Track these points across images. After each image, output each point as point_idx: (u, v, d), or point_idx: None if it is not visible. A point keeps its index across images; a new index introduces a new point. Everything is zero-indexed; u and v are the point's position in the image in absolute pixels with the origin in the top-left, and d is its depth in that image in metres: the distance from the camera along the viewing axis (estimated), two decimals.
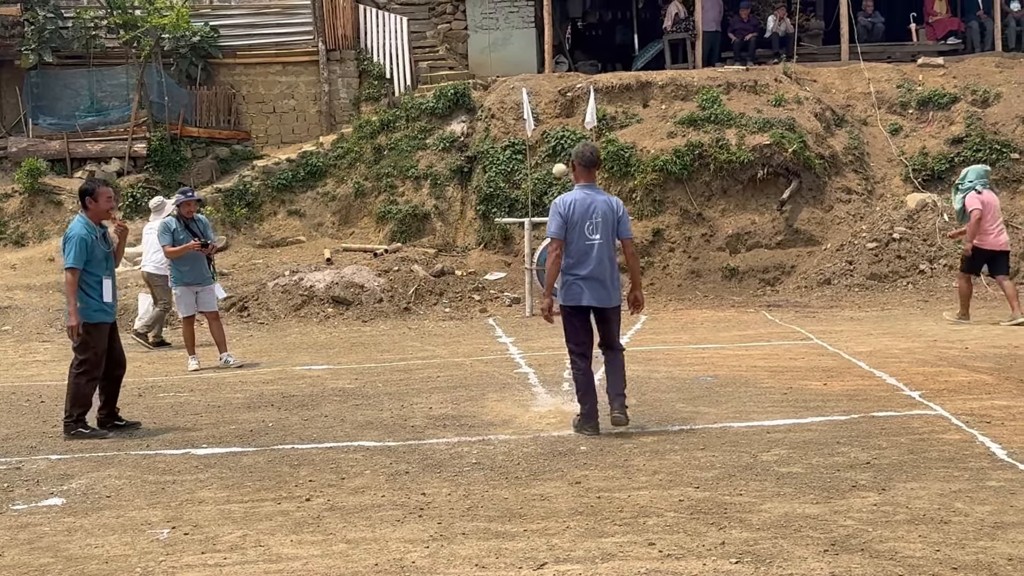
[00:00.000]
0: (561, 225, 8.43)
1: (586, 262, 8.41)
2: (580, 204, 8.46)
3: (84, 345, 9.37)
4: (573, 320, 8.57)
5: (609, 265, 8.48)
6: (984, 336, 13.14)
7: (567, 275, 8.50)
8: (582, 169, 8.65)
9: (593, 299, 8.46)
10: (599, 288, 8.43)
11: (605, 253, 8.45)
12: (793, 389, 10.11)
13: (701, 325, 15.78)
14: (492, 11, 23.78)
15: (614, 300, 8.58)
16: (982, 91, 21.01)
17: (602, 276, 8.43)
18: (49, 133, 22.78)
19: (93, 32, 23.32)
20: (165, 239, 13.30)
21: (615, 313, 8.64)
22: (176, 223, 13.33)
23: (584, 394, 8.53)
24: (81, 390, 9.35)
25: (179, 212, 13.47)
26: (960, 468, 7.06)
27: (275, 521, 6.51)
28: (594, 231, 8.43)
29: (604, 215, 8.45)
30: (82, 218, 9.53)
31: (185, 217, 13.38)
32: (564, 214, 8.44)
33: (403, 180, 21.38)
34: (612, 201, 8.63)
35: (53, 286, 18.49)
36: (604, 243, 8.44)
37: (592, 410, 8.50)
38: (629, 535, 5.96)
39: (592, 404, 8.50)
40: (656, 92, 21.33)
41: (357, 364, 13.08)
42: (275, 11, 24.09)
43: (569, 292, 8.52)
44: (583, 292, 8.44)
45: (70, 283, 9.28)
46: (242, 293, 18.21)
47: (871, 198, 20.00)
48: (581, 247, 8.42)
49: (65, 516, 6.82)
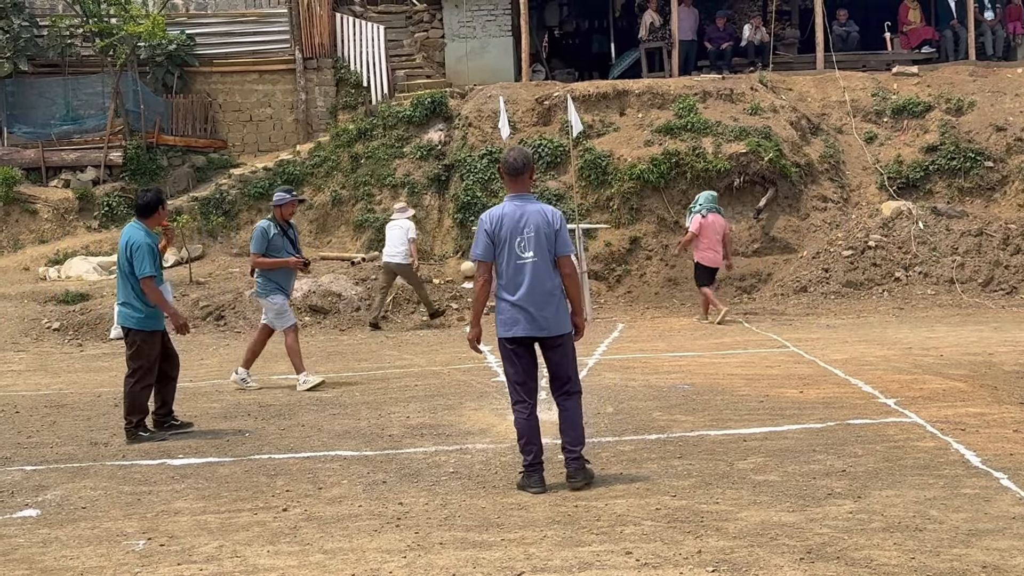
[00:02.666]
0: (487, 244, 7.20)
1: (518, 285, 7.15)
2: (509, 218, 7.18)
3: (138, 353, 9.46)
4: (509, 354, 7.28)
5: (547, 287, 7.16)
6: (959, 344, 13.21)
7: (499, 301, 7.26)
8: (510, 178, 7.37)
9: (530, 328, 7.15)
10: (534, 315, 7.13)
11: (541, 273, 7.14)
12: (769, 397, 10.15)
13: (678, 333, 15.82)
14: (469, 20, 23.81)
15: (556, 328, 7.19)
16: (956, 99, 21.16)
17: (537, 301, 7.13)
18: (24, 142, 22.70)
19: (69, 40, 23.27)
20: (259, 245, 11.70)
21: (562, 344, 7.26)
22: (273, 227, 11.76)
23: (526, 442, 7.20)
24: (136, 399, 9.46)
25: (279, 215, 11.89)
26: (935, 475, 7.10)
27: (252, 531, 6.48)
28: (526, 248, 7.14)
29: (537, 228, 7.15)
30: (140, 226, 9.64)
31: (284, 221, 11.90)
32: (490, 231, 7.20)
33: (380, 188, 21.38)
34: (547, 212, 7.25)
35: (28, 296, 18.40)
36: (539, 261, 7.14)
37: (536, 461, 7.20)
38: (606, 544, 5.96)
39: (536, 453, 7.20)
40: (633, 100, 21.40)
41: (334, 373, 13.05)
42: (251, 19, 24.07)
43: (502, 322, 7.24)
44: (517, 321, 7.16)
45: (154, 291, 9.46)
46: (219, 302, 18.13)
47: (847, 206, 20.10)
48: (512, 267, 7.15)
49: (40, 527, 6.78)
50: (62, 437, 9.69)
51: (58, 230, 21.57)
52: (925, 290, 18.11)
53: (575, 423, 7.24)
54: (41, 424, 10.35)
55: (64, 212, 21.70)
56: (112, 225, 21.50)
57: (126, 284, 9.50)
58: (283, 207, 11.84)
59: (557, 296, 7.22)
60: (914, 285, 18.30)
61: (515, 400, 7.31)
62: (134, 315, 9.46)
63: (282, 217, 11.84)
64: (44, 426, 10.25)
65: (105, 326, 17.25)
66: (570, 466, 7.18)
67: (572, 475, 7.16)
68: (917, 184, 20.19)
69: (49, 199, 21.83)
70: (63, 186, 22.22)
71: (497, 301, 7.28)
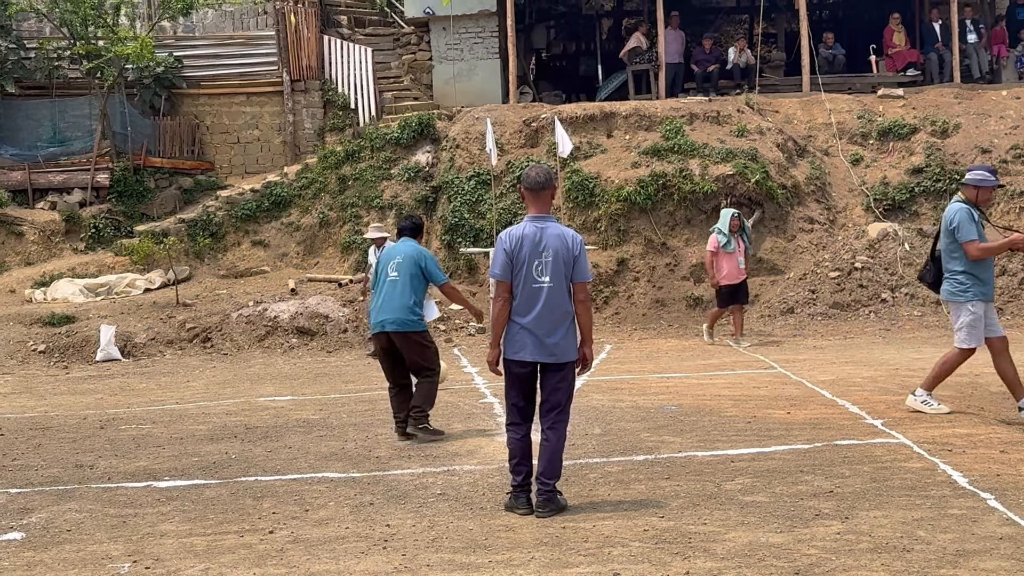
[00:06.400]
0: (506, 264, 7.09)
1: (531, 309, 7.06)
2: (529, 240, 7.08)
3: (431, 350, 10.23)
4: (511, 375, 7.20)
5: (559, 313, 7.07)
6: None
7: (512, 322, 7.14)
8: (531, 195, 7.25)
9: (536, 353, 7.06)
10: (543, 340, 7.04)
11: (556, 299, 7.05)
12: (757, 418, 10.15)
13: (666, 354, 15.83)
14: (457, 42, 23.89)
15: (561, 356, 7.11)
16: (941, 122, 21.28)
17: (548, 326, 7.04)
18: (11, 164, 22.67)
19: (56, 62, 23.27)
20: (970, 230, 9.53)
21: (564, 373, 7.18)
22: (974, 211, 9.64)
23: (517, 463, 7.16)
24: (434, 393, 10.13)
25: (974, 197, 9.76)
26: (922, 496, 7.10)
27: (238, 554, 6.45)
28: (543, 272, 7.04)
29: (556, 253, 7.05)
30: (417, 244, 10.57)
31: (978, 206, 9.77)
32: (510, 250, 7.09)
33: (368, 210, 21.38)
34: (567, 236, 7.14)
35: (14, 318, 18.33)
36: (555, 287, 7.05)
37: (526, 482, 7.15)
38: (594, 565, 5.95)
39: (526, 475, 7.16)
40: (620, 122, 21.47)
41: (321, 395, 13.02)
42: (239, 42, 24.11)
43: (510, 342, 7.15)
44: (525, 345, 7.07)
45: (455, 291, 10.86)
46: (205, 324, 18.09)
47: (833, 227, 20.17)
48: (528, 291, 7.07)
49: (25, 551, 6.73)
50: (47, 460, 9.63)
51: (44, 252, 21.51)
52: (911, 311, 18.15)
53: (554, 456, 7.12)
54: (26, 447, 10.30)
55: (50, 234, 21.65)
56: (98, 247, 21.47)
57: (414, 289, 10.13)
58: (982, 189, 9.81)
59: (568, 323, 7.13)
60: (900, 306, 18.36)
61: (510, 421, 7.25)
62: (416, 318, 10.08)
63: (977, 201, 9.79)
64: (29, 449, 10.19)
65: (91, 348, 17.19)
66: (540, 496, 7.08)
67: (540, 505, 7.06)
68: (903, 206, 20.27)
69: (35, 221, 21.79)
70: (50, 208, 22.19)
71: (509, 322, 7.17)
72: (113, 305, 19.07)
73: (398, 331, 9.95)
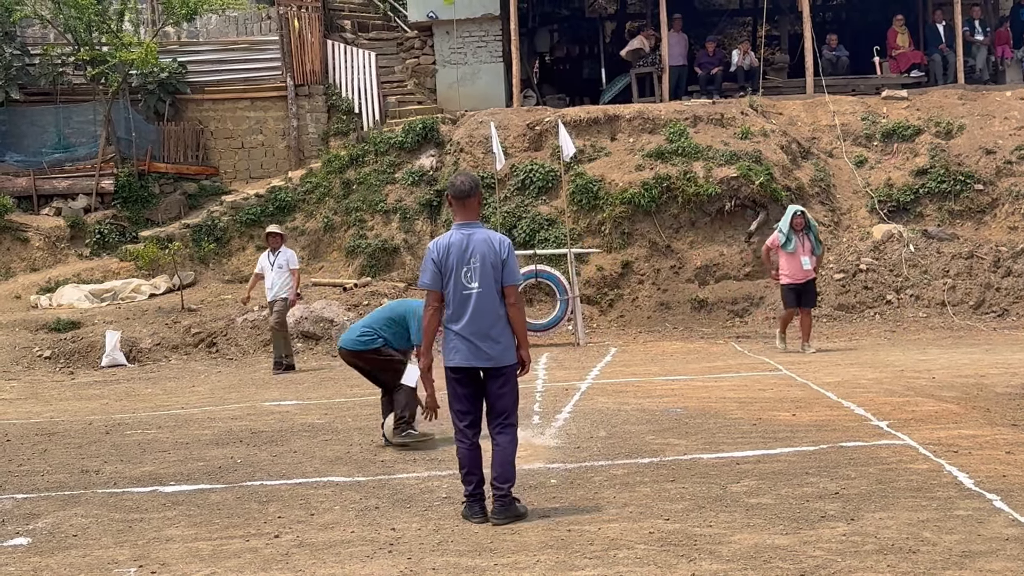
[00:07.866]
0: (435, 273, 7.12)
1: (463, 315, 7.06)
2: (456, 247, 7.11)
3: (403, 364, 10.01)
4: (452, 383, 7.17)
5: (491, 318, 7.06)
6: (951, 366, 13.23)
7: (446, 330, 7.17)
8: (458, 203, 7.33)
9: (472, 358, 7.05)
10: (479, 345, 7.02)
11: (486, 304, 7.04)
12: (762, 420, 10.14)
13: (671, 357, 15.82)
14: (460, 46, 23.89)
15: (499, 360, 7.07)
16: (945, 123, 21.26)
17: (481, 331, 7.02)
18: (16, 170, 22.68)
19: (60, 69, 23.30)
20: None
21: (505, 378, 7.13)
22: None
23: (468, 472, 7.11)
24: (413, 397, 9.85)
25: None
26: (928, 497, 7.09)
27: (244, 558, 6.46)
28: (472, 278, 7.06)
29: (484, 258, 7.07)
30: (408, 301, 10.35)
31: None
32: (437, 260, 7.12)
33: (372, 214, 21.40)
34: (495, 240, 7.17)
35: (19, 324, 18.36)
36: (484, 292, 7.05)
37: (477, 491, 7.13)
38: (600, 568, 5.95)
39: (477, 483, 7.13)
40: (624, 125, 21.46)
41: (326, 399, 13.03)
42: (243, 47, 24.13)
43: (446, 350, 7.16)
44: (459, 351, 7.07)
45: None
46: (211, 329, 18.12)
47: (838, 229, 20.16)
48: (458, 298, 7.07)
49: (31, 556, 6.74)
50: (53, 465, 9.64)
51: (49, 258, 21.54)
52: (916, 313, 18.15)
53: (506, 460, 7.04)
54: (32, 452, 10.31)
55: (55, 240, 21.68)
56: (103, 253, 21.49)
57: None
58: None
59: (502, 327, 7.10)
60: (905, 308, 18.34)
61: (457, 430, 7.17)
62: (367, 339, 9.93)
63: None
64: (35, 454, 10.21)
65: (96, 354, 17.22)
66: (495, 503, 7.02)
67: (496, 512, 6.99)
68: (907, 207, 20.26)
69: (40, 227, 21.81)
70: (54, 214, 22.22)
71: (444, 330, 7.17)
72: (118, 311, 19.10)
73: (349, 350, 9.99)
